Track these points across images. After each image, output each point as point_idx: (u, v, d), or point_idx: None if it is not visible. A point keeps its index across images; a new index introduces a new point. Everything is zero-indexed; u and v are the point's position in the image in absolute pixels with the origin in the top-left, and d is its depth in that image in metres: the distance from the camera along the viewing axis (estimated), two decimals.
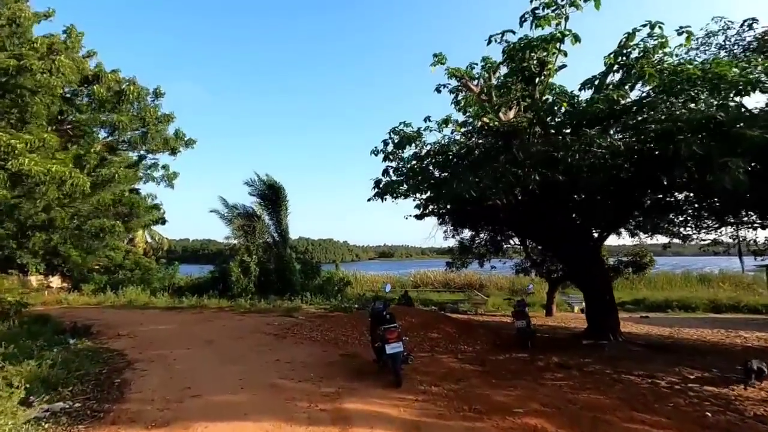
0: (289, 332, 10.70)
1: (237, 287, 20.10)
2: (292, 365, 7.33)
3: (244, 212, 23.13)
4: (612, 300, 10.35)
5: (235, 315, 14.78)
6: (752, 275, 31.60)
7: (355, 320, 10.90)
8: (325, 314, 15.50)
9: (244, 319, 13.54)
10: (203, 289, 21.21)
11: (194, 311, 15.90)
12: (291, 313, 15.09)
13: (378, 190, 12.87)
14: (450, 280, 33.93)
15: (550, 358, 8.41)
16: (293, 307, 16.59)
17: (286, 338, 10.01)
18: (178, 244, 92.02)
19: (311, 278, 24.32)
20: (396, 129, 9.96)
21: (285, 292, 20.79)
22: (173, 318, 13.84)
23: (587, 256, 10.24)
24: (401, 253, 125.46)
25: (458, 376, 7.01)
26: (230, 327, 11.73)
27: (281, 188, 22.81)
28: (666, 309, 23.57)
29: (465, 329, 10.26)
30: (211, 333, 10.77)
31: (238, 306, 17.56)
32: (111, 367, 7.26)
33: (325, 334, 10.03)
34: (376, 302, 7.43)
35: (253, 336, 10.32)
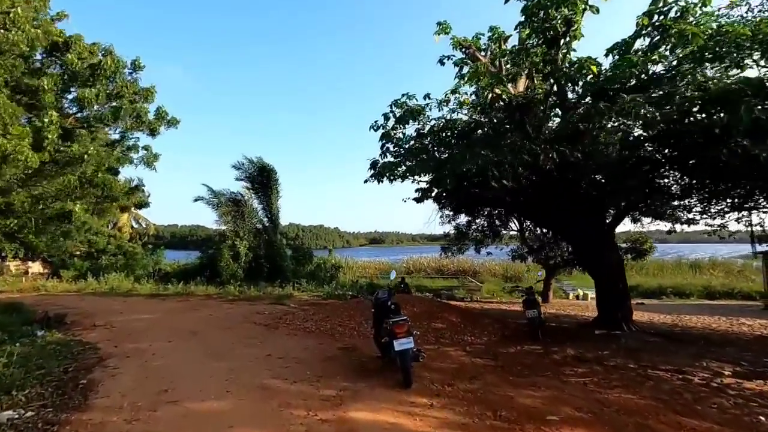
0: (281, 322, 9.86)
1: (226, 273, 19.16)
2: (286, 361, 6.50)
3: (231, 198, 22.05)
4: (625, 287, 9.69)
5: (224, 303, 13.88)
6: (741, 262, 31.65)
7: (351, 309, 10.08)
8: (318, 302, 14.68)
9: (232, 307, 12.66)
10: (190, 275, 20.22)
11: (180, 299, 14.95)
12: (282, 301, 14.24)
13: (375, 172, 12.03)
14: (443, 267, 33.34)
15: (565, 350, 7.72)
16: (285, 295, 15.73)
17: (278, 329, 9.17)
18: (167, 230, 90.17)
19: (303, 264, 23.47)
20: (399, 101, 9.03)
21: (276, 278, 19.90)
22: (157, 306, 12.88)
23: (600, 241, 9.53)
24: (392, 239, 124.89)
25: (471, 372, 6.25)
26: (217, 316, 10.84)
27: (272, 170, 21.74)
28: (660, 295, 23.28)
29: (470, 319, 9.52)
30: (197, 323, 9.87)
31: (227, 293, 16.66)
32: (79, 365, 6.34)
33: (321, 325, 9.20)
34: (379, 291, 6.60)
35: (242, 326, 9.45)
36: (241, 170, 22.03)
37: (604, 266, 9.54)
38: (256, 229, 22.33)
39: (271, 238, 21.74)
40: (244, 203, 21.76)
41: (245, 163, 21.83)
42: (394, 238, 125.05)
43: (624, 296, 9.57)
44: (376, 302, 6.46)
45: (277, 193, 22.18)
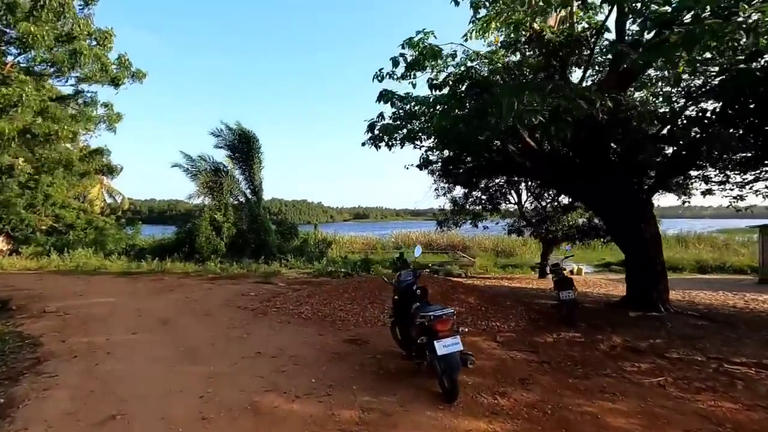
0: (271, 306, 8.30)
1: (206, 249, 17.37)
2: (281, 361, 4.99)
3: (211, 167, 20.01)
4: (663, 264, 8.46)
5: (203, 282, 12.21)
6: (723, 237, 31.51)
7: (351, 289, 8.58)
8: (309, 280, 13.16)
9: (213, 287, 11.02)
10: (167, 251, 18.34)
11: (154, 277, 13.19)
12: (269, 279, 12.67)
13: (372, 135, 10.38)
14: (432, 241, 32.17)
15: (611, 337, 6.44)
16: (271, 272, 14.15)
17: (268, 314, 7.63)
18: (144, 205, 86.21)
19: (288, 240, 21.77)
20: (412, 40, 7.28)
21: (260, 254, 18.23)
22: (126, 287, 11.12)
23: (636, 212, 8.22)
24: (376, 214, 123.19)
25: (517, 372, 4.88)
26: (195, 299, 9.21)
27: (254, 137, 19.71)
28: None
29: (489, 300, 8.17)
30: (170, 308, 8.24)
31: (207, 271, 14.96)
32: (6, 370, 4.71)
33: (318, 309, 7.69)
34: (402, 272, 5.10)
35: (223, 312, 7.86)
36: (221, 137, 19.94)
37: (640, 240, 8.25)
38: (238, 202, 20.47)
39: (254, 212, 19.92)
40: (225, 173, 19.77)
41: (223, 129, 19.72)
42: (378, 214, 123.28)
43: (661, 274, 8.35)
44: (398, 286, 4.97)
45: (259, 163, 20.24)
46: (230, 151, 20.23)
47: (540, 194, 17.99)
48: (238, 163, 20.27)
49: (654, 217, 8.51)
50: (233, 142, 19.95)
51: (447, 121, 6.63)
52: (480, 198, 18.41)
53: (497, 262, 25.38)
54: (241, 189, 20.28)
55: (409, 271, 5.11)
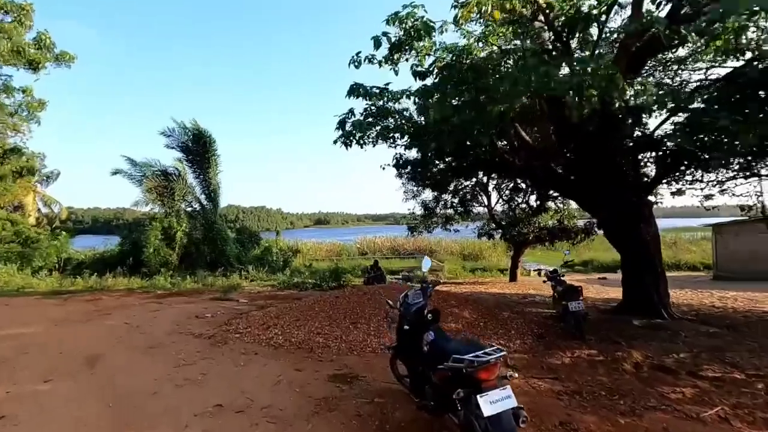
0: (232, 331, 6.88)
1: (154, 262, 15.38)
2: (250, 418, 3.69)
3: (159, 171, 17.96)
4: (662, 266, 7.87)
5: (149, 301, 10.45)
6: (674, 236, 32.81)
7: (329, 307, 7.31)
8: (273, 294, 11.71)
9: (161, 308, 9.34)
10: (109, 265, 16.15)
11: (89, 297, 11.23)
12: (229, 295, 11.11)
13: (343, 133, 9.26)
14: (399, 246, 31.30)
15: (630, 354, 5.62)
16: (230, 286, 12.55)
17: (228, 343, 6.22)
18: (87, 214, 79.51)
19: (249, 249, 20.03)
20: (399, 15, 6.19)
21: (217, 266, 16.46)
22: (52, 311, 9.19)
23: (636, 211, 7.58)
24: (337, 220, 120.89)
25: (551, 411, 3.88)
26: (137, 324, 7.58)
27: (210, 138, 17.90)
28: (616, 269, 22.87)
29: (486, 314, 7.18)
30: (103, 339, 6.60)
31: (155, 287, 13.10)
32: None
33: (290, 334, 6.38)
34: (409, 292, 3.96)
35: (172, 342, 6.35)
36: (172, 137, 17.95)
37: (640, 241, 7.61)
38: (191, 209, 18.54)
39: (210, 219, 18.07)
40: (177, 178, 17.79)
41: (175, 129, 17.76)
42: (339, 219, 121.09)
43: (661, 277, 7.75)
44: (405, 311, 3.83)
45: (216, 166, 18.42)
46: (183, 152, 18.30)
47: (511, 197, 17.53)
48: (192, 165, 18.37)
49: (653, 217, 7.91)
50: (187, 142, 18.04)
51: (442, 112, 5.58)
52: (451, 201, 17.71)
53: (465, 266, 24.86)
54: (196, 195, 18.37)
55: (417, 290, 3.98)
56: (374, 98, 9.95)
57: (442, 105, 5.65)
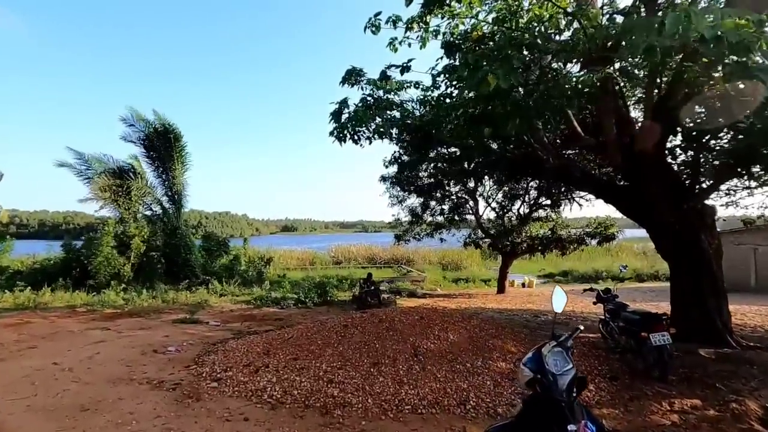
0: (205, 376, 4.92)
1: (104, 273, 12.84)
2: None
3: (114, 168, 15.40)
4: (723, 284, 6.63)
5: (94, 325, 8.16)
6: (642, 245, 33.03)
7: (336, 337, 5.51)
8: (250, 313, 9.71)
9: (107, 337, 7.12)
10: (50, 276, 13.43)
11: (15, 319, 8.75)
12: (195, 315, 8.98)
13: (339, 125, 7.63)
14: (375, 255, 29.55)
15: (743, 403, 4.23)
16: (197, 304, 10.37)
17: (202, 400, 4.29)
18: (33, 217, 72.12)
19: (216, 257, 17.63)
20: None
21: (179, 277, 14.12)
22: None
23: (696, 219, 6.33)
24: (305, 227, 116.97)
25: None
26: (69, 367, 5.41)
27: (176, 133, 15.53)
28: (597, 279, 22.27)
29: (530, 343, 5.67)
30: (11, 394, 4.48)
31: (104, 304, 10.69)
32: None
33: (290, 381, 4.53)
34: (547, 353, 2.31)
35: (118, 399, 4.31)
36: (134, 128, 15.44)
37: (699, 255, 6.35)
38: (151, 212, 16.04)
39: (173, 224, 15.66)
40: (133, 175, 15.29)
41: (134, 118, 15.26)
42: (306, 226, 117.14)
43: (723, 296, 6.51)
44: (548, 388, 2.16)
45: (182, 166, 16.05)
46: (144, 148, 15.81)
47: (505, 205, 16.36)
48: (154, 163, 15.91)
49: (715, 226, 6.70)
50: (149, 137, 15.58)
51: (506, 81, 3.99)
52: (440, 208, 16.32)
53: (446, 276, 23.50)
54: (156, 196, 15.89)
55: (556, 349, 2.34)
56: (374, 86, 8.39)
57: (506, 71, 4.08)
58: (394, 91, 8.43)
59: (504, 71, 4.00)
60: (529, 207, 16.21)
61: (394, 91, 8.43)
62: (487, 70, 4.08)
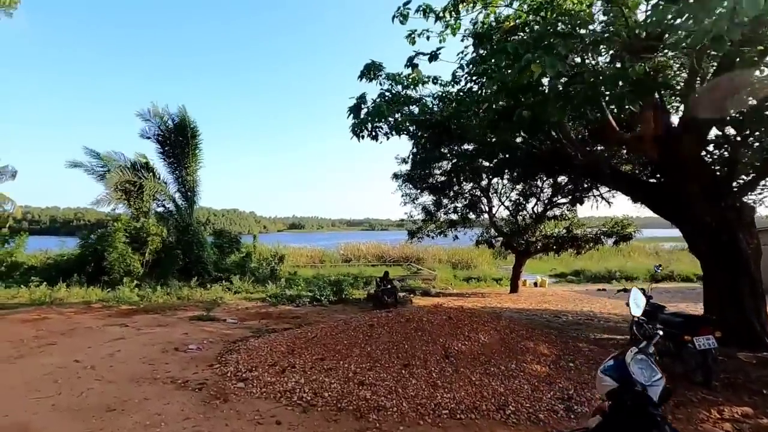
0: (230, 376, 4.77)
1: (118, 269, 12.78)
2: None
3: (127, 165, 15.33)
4: (762, 284, 6.37)
5: (111, 321, 8.06)
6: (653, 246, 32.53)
7: (362, 336, 5.32)
8: (266, 311, 9.59)
9: (126, 333, 7.01)
10: (65, 272, 13.40)
11: (33, 314, 8.69)
12: (212, 313, 8.86)
13: (358, 120, 7.53)
14: (384, 253, 29.37)
15: None
16: (212, 301, 10.25)
17: (230, 401, 4.14)
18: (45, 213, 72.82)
19: (227, 254, 17.55)
20: None
21: (191, 273, 14.03)
22: None
23: (734, 217, 6.07)
24: (312, 224, 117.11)
25: None
26: (92, 364, 5.29)
27: (194, 129, 15.42)
28: (610, 280, 21.91)
29: (562, 346, 5.44)
30: (34, 392, 4.35)
31: (119, 300, 10.62)
32: None
33: (319, 383, 4.37)
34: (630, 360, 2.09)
35: (144, 399, 4.17)
36: (150, 123, 15.35)
37: (737, 254, 6.10)
38: (164, 209, 15.97)
39: (185, 221, 15.58)
40: (146, 172, 15.22)
41: (153, 113, 15.15)
42: (313, 224, 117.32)
43: (762, 297, 6.24)
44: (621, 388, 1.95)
45: (197, 161, 15.95)
46: (159, 144, 15.73)
47: (520, 203, 16.08)
48: (168, 159, 15.81)
49: (754, 225, 6.43)
50: (165, 132, 15.49)
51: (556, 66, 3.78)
52: (454, 206, 16.10)
53: (457, 275, 23.23)
54: (169, 193, 15.80)
55: (640, 357, 2.13)
56: (393, 81, 8.23)
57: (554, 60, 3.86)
58: (412, 86, 8.26)
59: (551, 59, 3.78)
60: (543, 205, 15.92)
61: (412, 86, 8.26)
62: (530, 59, 3.88)
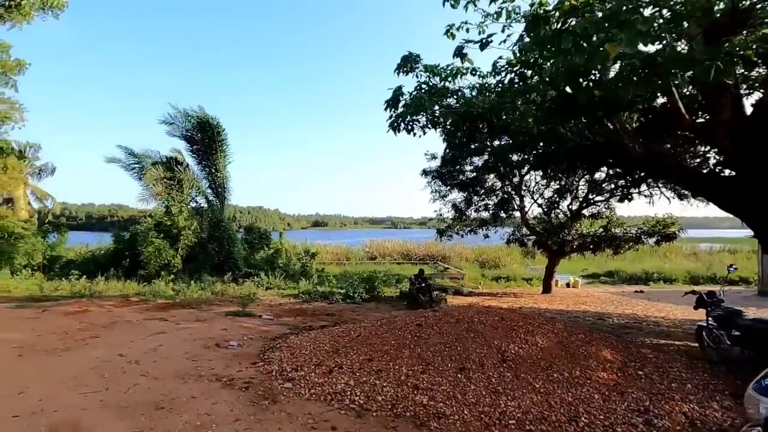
0: (276, 375, 4.58)
1: (154, 264, 12.94)
2: None
3: (161, 161, 15.56)
4: None
5: (150, 315, 8.06)
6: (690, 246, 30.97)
7: (411, 337, 5.02)
8: (301, 307, 9.45)
9: (166, 328, 6.96)
10: (102, 266, 13.68)
11: (74, 307, 8.80)
12: (247, 309, 8.78)
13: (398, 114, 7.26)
14: (409, 251, 29.03)
15: None
16: (246, 296, 10.19)
17: (279, 402, 3.94)
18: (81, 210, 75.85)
19: (257, 250, 17.61)
20: None
21: (223, 269, 14.09)
22: (20, 329, 6.72)
23: None
24: (335, 222, 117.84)
25: None
26: (135, 359, 5.21)
27: (218, 127, 15.52)
28: (647, 281, 20.92)
29: (627, 352, 5.02)
30: (82, 387, 4.27)
31: (155, 294, 10.69)
32: None
33: (368, 382, 4.12)
34: None
35: (191, 398, 4.02)
36: (174, 125, 15.54)
37: None
38: (195, 204, 16.13)
39: (216, 216, 15.69)
40: (182, 169, 15.40)
41: (178, 116, 15.33)
42: (336, 221, 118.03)
43: None
44: None
45: (224, 157, 16.03)
46: (187, 142, 15.89)
47: (554, 200, 15.47)
48: (197, 157, 15.97)
49: None
50: (190, 131, 15.65)
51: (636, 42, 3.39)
52: (485, 203, 15.63)
53: (485, 275, 22.66)
54: (201, 189, 15.96)
55: None
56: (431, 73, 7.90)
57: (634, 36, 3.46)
58: (451, 77, 7.92)
59: (628, 36, 3.40)
60: (579, 203, 15.25)
61: (451, 77, 7.92)
62: (604, 38, 3.51)
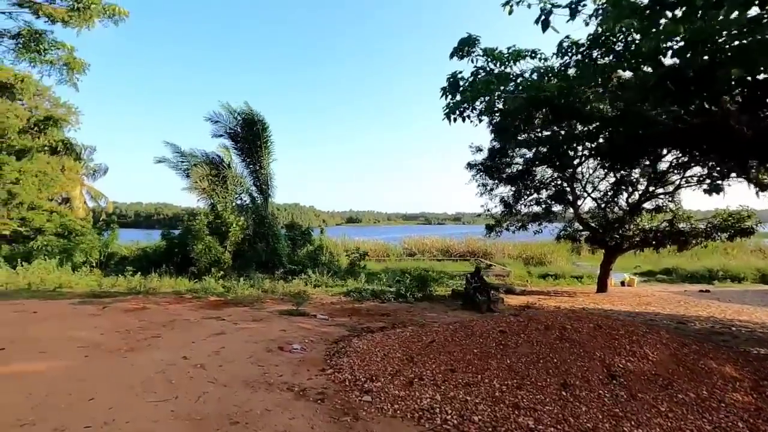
0: (350, 386, 4.17)
1: (204, 261, 13.02)
2: None
3: (208, 159, 15.69)
4: None
5: (205, 313, 7.93)
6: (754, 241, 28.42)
7: (495, 344, 4.51)
8: (355, 307, 9.08)
9: (224, 327, 6.74)
10: (153, 262, 13.94)
11: (132, 304, 8.84)
12: (300, 307, 8.50)
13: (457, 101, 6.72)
14: (449, 247, 28.26)
15: None
16: (296, 294, 9.95)
17: (360, 419, 3.52)
18: (130, 208, 79.81)
19: (300, 247, 17.49)
20: None
21: (268, 266, 14.03)
22: (84, 327, 6.71)
23: None
24: (369, 218, 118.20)
25: None
26: (200, 363, 4.97)
27: (263, 123, 15.46)
28: (711, 280, 19.23)
29: (749, 368, 4.30)
30: (150, 394, 4.03)
31: (207, 291, 10.68)
32: None
33: (456, 398, 3.64)
34: None
35: (265, 410, 3.66)
36: (219, 123, 15.62)
37: None
38: (241, 201, 16.18)
39: (261, 213, 15.67)
40: (227, 167, 15.47)
41: (223, 114, 15.38)
42: (370, 218, 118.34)
43: None
44: None
45: (269, 154, 15.98)
46: (231, 140, 15.96)
47: (611, 193, 14.38)
48: (242, 154, 15.99)
49: None
50: (235, 128, 15.69)
51: None
52: (536, 197, 14.77)
53: (532, 272, 21.60)
54: (246, 186, 15.99)
55: None
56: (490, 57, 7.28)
57: None
58: (510, 61, 7.30)
59: None
60: (639, 196, 14.11)
61: (510, 61, 7.30)
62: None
